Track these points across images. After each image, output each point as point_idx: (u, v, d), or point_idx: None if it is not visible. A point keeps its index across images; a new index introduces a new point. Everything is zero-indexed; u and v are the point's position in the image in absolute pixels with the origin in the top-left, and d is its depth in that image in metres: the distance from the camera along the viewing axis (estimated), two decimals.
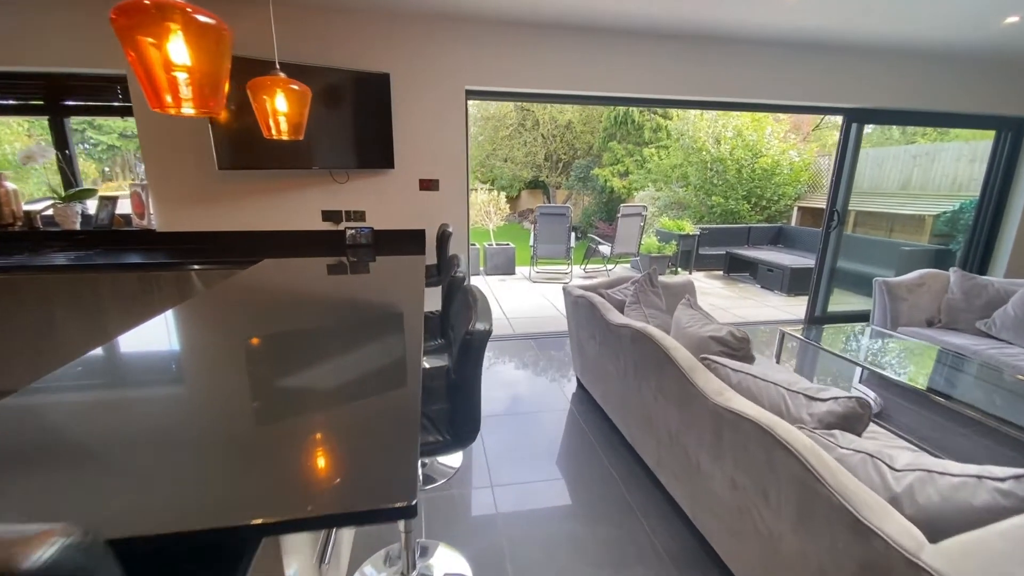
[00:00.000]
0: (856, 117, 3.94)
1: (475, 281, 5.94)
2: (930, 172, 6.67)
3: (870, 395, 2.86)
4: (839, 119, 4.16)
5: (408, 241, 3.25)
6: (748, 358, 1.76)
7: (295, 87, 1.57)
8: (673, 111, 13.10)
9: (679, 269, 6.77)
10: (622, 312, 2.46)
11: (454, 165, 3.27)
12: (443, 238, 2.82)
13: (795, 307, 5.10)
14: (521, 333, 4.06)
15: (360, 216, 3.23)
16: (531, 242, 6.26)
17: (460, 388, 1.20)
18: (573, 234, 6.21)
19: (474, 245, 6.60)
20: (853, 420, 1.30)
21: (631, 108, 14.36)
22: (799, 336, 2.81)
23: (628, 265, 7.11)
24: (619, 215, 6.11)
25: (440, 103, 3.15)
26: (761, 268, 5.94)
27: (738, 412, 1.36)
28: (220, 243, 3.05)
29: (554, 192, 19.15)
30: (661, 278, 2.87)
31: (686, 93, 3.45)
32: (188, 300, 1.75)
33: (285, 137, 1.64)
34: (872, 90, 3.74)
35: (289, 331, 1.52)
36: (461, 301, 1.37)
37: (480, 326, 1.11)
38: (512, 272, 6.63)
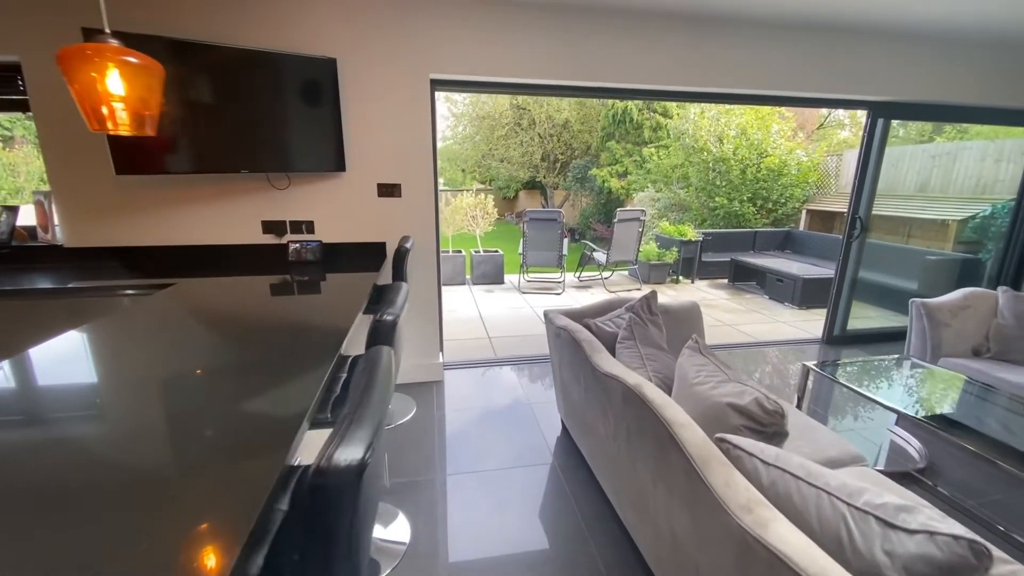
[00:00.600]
0: (882, 112, 3.47)
1: (460, 292, 5.46)
2: (951, 173, 6.20)
3: (913, 444, 2.38)
4: (844, 118, 3.68)
5: (367, 255, 2.78)
6: (780, 435, 1.28)
7: (133, 60, 1.09)
8: (674, 109, 12.65)
9: (680, 277, 6.30)
10: (613, 350, 1.98)
11: (419, 167, 2.80)
12: (400, 255, 2.34)
13: (809, 323, 4.62)
14: (504, 357, 3.58)
15: (308, 227, 2.75)
16: (520, 249, 5.78)
17: (310, 546, 0.70)
18: (566, 240, 5.74)
19: (460, 252, 6.14)
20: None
21: (629, 107, 13.91)
22: (829, 376, 2.33)
23: (626, 272, 6.64)
24: (615, 220, 5.64)
25: (401, 95, 2.67)
26: (769, 278, 5.46)
27: (776, 551, 0.88)
28: (138, 260, 2.58)
29: (552, 193, 18.67)
30: (661, 299, 2.40)
31: (685, 83, 2.97)
32: (48, 338, 1.29)
33: (125, 131, 1.17)
34: (902, 80, 3.27)
35: (143, 378, 1.05)
36: (360, 373, 0.89)
37: (342, 457, 0.63)
38: (500, 281, 6.16)
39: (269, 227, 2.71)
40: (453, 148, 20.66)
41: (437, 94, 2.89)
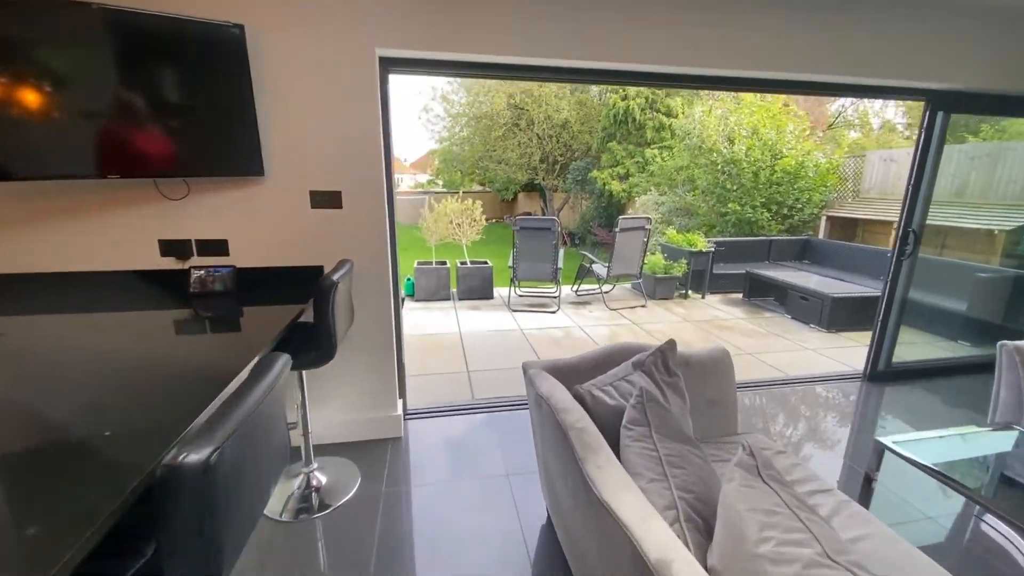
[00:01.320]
0: (943, 103, 2.84)
1: (442, 311, 4.82)
2: (992, 176, 5.56)
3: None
4: (854, 117, 3.06)
5: (298, 283, 2.14)
6: None
7: None
8: (679, 108, 12.02)
9: (689, 292, 5.66)
10: (616, 442, 1.35)
11: (366, 171, 2.17)
12: (323, 291, 1.71)
13: (843, 351, 3.98)
14: (482, 401, 2.95)
15: (221, 248, 2.12)
16: (510, 262, 5.15)
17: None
18: (562, 251, 5.11)
19: (444, 264, 5.52)
20: None
21: (631, 106, 13.31)
22: (925, 467, 1.67)
23: (628, 286, 6.00)
24: (617, 229, 5.01)
25: (340, 78, 2.05)
26: (792, 295, 4.82)
27: None
28: None
29: (550, 195, 18.06)
30: (683, 352, 1.77)
31: (704, 64, 2.34)
32: None
33: None
34: (967, 66, 2.64)
35: None
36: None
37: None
38: (489, 296, 5.53)
39: (169, 248, 2.08)
40: (452, 150, 20.10)
41: (404, 82, 2.27)
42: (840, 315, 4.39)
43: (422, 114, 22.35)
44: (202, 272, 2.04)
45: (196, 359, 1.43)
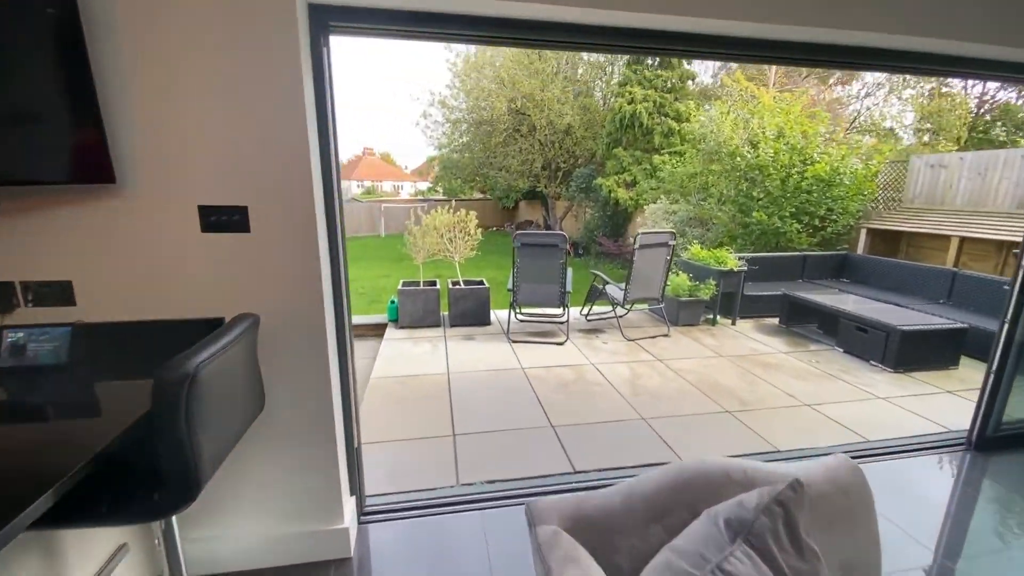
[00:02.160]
0: None
1: (429, 340, 4.05)
2: None
3: None
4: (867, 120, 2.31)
5: (185, 344, 1.39)
6: None
7: None
8: (690, 111, 11.30)
9: (718, 318, 4.89)
10: None
11: (289, 177, 1.43)
12: (167, 392, 0.96)
13: (922, 400, 3.21)
14: (471, 492, 2.18)
15: (61, 294, 1.38)
16: (509, 284, 4.40)
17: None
18: (571, 272, 4.36)
19: (433, 284, 4.78)
20: None
21: (639, 110, 12.67)
22: None
23: (646, 308, 5.24)
24: (636, 246, 4.26)
25: (245, 40, 1.32)
26: (845, 324, 4.05)
27: None
28: None
29: (553, 204, 17.37)
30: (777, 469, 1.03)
31: (785, 17, 1.60)
32: None
33: None
34: None
35: None
36: None
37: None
38: (486, 320, 4.78)
39: None
40: (451, 157, 19.47)
41: (404, 84, 1.54)
42: (910, 351, 3.62)
43: (420, 120, 21.86)
44: (20, 335, 1.29)
45: None
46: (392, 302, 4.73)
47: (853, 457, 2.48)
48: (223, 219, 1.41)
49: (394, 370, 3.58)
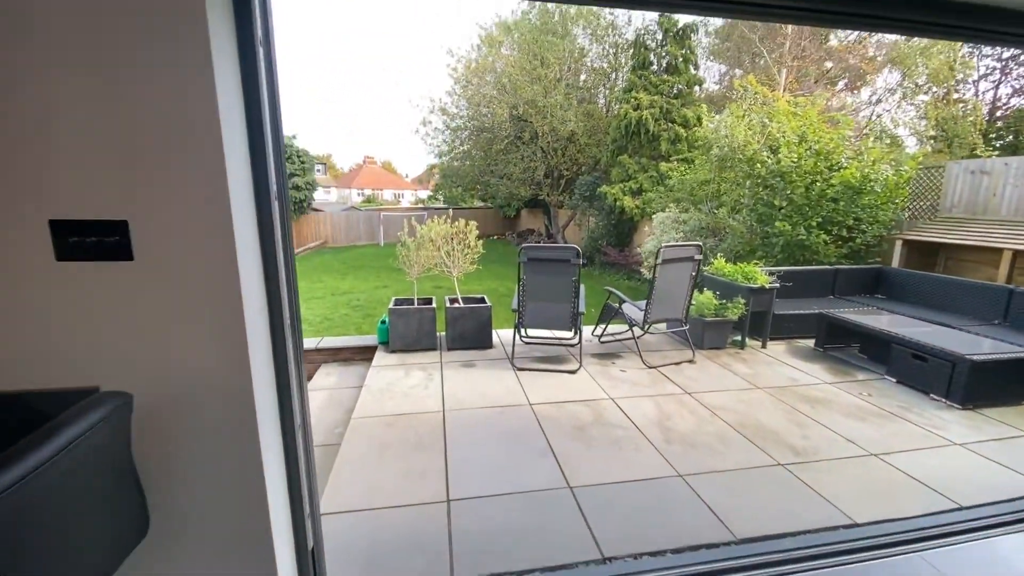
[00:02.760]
0: None
1: (423, 366, 3.53)
2: None
3: None
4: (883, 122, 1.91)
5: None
6: None
7: None
8: (698, 116, 10.88)
9: (747, 341, 4.38)
10: None
11: (192, 178, 0.94)
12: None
13: (1003, 446, 2.70)
14: None
15: None
16: (514, 304, 3.90)
17: None
18: (583, 289, 3.86)
19: (429, 303, 4.29)
20: None
21: (644, 116, 12.26)
22: None
23: (664, 327, 4.73)
24: (659, 261, 3.76)
25: None
26: (898, 352, 3.54)
27: None
28: None
29: (555, 212, 16.94)
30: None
31: None
32: None
33: None
34: None
35: None
36: None
37: None
38: (487, 343, 4.28)
39: None
40: (452, 165, 19.09)
41: (402, 89, 1.07)
42: (979, 384, 3.11)
43: (420, 127, 21.50)
44: None
45: None
46: (383, 322, 4.23)
47: (949, 535, 1.99)
48: (90, 241, 0.92)
49: (380, 407, 3.07)
